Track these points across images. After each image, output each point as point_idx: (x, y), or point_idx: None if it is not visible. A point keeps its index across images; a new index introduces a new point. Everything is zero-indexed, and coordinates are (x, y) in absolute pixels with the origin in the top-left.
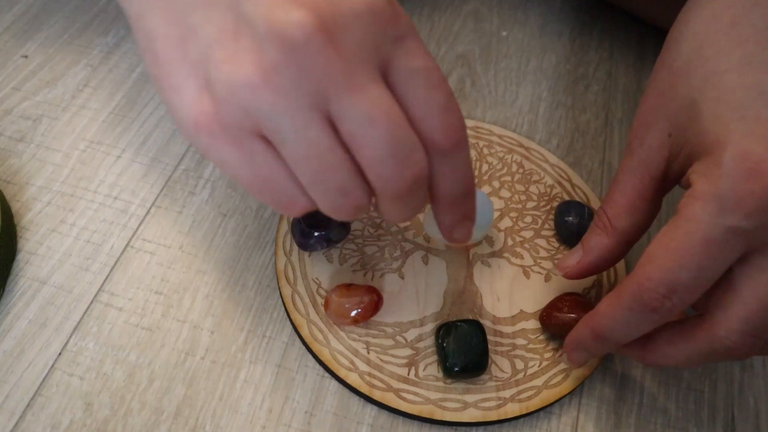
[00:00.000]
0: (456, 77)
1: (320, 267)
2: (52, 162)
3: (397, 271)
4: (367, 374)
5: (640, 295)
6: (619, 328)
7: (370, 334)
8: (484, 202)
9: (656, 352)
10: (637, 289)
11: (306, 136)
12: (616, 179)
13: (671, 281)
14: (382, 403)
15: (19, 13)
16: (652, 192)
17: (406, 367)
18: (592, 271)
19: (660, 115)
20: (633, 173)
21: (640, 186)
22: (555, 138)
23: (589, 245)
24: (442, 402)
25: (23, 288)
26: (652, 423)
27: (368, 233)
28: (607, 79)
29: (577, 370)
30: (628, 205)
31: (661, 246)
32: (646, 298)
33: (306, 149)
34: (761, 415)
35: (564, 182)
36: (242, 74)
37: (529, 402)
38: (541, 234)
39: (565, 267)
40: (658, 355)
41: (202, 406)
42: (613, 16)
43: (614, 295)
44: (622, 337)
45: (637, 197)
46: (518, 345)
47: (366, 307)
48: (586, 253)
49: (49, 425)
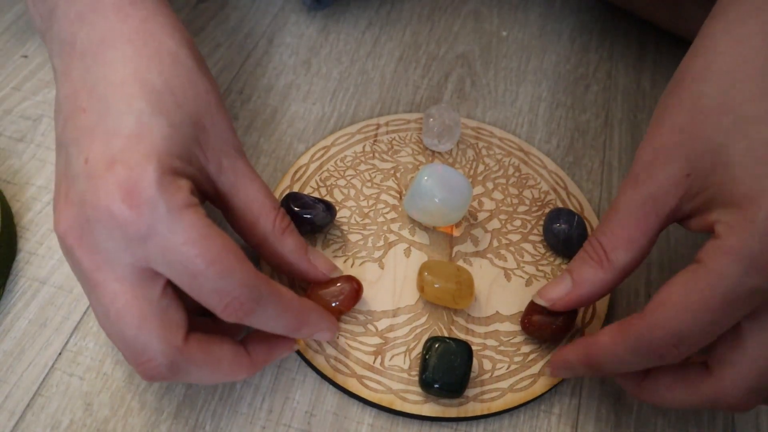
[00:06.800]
0: (456, 77)
1: None
2: (52, 162)
3: (378, 261)
4: (333, 358)
5: (649, 341)
6: (616, 364)
7: (342, 319)
8: (462, 182)
9: (654, 393)
10: (647, 335)
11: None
12: (616, 210)
13: (684, 333)
14: (344, 388)
15: (19, 13)
16: (655, 229)
17: (372, 356)
18: (582, 305)
19: (679, 153)
20: (639, 207)
21: (643, 222)
22: (555, 138)
23: (581, 277)
24: (403, 393)
25: (23, 288)
26: (652, 423)
27: (354, 221)
28: (607, 79)
29: (546, 378)
30: (628, 240)
31: (679, 295)
32: (655, 345)
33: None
34: (761, 415)
35: (559, 189)
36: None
37: (491, 403)
38: (528, 239)
39: (551, 298)
40: (655, 397)
41: (202, 406)
42: (613, 16)
43: (618, 332)
44: (617, 371)
45: (640, 233)
46: (489, 346)
47: (347, 295)
48: (578, 286)
49: (49, 425)
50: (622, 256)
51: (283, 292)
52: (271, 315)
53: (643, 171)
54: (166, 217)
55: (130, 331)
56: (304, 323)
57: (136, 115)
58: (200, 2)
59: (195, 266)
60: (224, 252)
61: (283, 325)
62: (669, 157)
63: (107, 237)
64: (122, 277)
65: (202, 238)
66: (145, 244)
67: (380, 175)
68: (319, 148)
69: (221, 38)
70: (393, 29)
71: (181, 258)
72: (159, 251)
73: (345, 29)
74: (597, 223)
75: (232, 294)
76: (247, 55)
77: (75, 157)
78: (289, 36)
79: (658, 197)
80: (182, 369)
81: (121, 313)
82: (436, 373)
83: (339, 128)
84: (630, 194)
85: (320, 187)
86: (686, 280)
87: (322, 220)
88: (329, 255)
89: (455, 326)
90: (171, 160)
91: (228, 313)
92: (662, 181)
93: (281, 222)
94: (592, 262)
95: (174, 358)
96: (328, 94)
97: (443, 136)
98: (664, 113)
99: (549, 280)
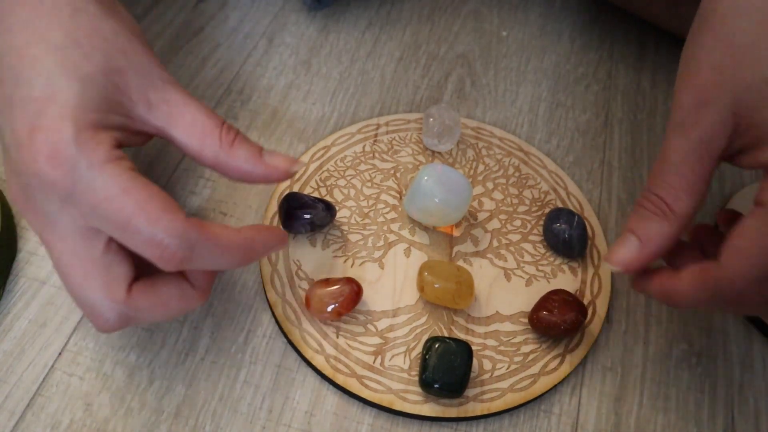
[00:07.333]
0: (456, 77)
1: (302, 250)
2: None
3: (378, 261)
4: (333, 358)
5: (731, 291)
6: (694, 307)
7: (342, 319)
8: (462, 182)
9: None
10: (728, 286)
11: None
12: (668, 161)
13: (764, 278)
14: (344, 388)
15: None
16: (710, 171)
17: (372, 356)
18: (651, 261)
19: (722, 92)
20: (691, 153)
21: (699, 167)
22: (555, 138)
23: (648, 234)
24: (403, 393)
25: (23, 288)
26: (652, 423)
27: (354, 221)
28: (607, 79)
29: (546, 377)
30: (688, 188)
31: (753, 241)
32: (737, 294)
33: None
34: (761, 415)
35: (560, 189)
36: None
37: (491, 403)
38: (528, 238)
39: (622, 262)
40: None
41: (202, 406)
42: (613, 16)
43: (700, 281)
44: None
45: (697, 179)
46: (489, 346)
47: (347, 297)
48: (646, 244)
49: (49, 425)
50: (685, 204)
51: (218, 232)
52: (212, 257)
53: (688, 116)
54: (87, 174)
55: (76, 288)
56: (251, 253)
57: (45, 76)
58: (200, 2)
59: (119, 220)
60: (148, 203)
61: (228, 262)
62: (713, 98)
63: (44, 199)
64: (65, 236)
65: (123, 192)
66: (75, 203)
67: (380, 175)
68: (319, 148)
69: (221, 38)
70: (393, 29)
71: (105, 213)
72: (88, 208)
73: (345, 29)
74: (597, 223)
75: (161, 244)
76: (247, 55)
77: (5, 128)
78: (289, 36)
79: (708, 140)
80: (131, 317)
81: (67, 270)
82: (436, 373)
83: (339, 128)
84: (679, 142)
85: (320, 187)
86: (757, 225)
87: (321, 219)
88: (329, 255)
89: (455, 326)
90: (86, 115)
91: (164, 263)
92: (709, 123)
93: (227, 136)
94: (656, 217)
95: (120, 311)
96: (328, 94)
97: (443, 136)
98: (699, 53)
99: (609, 249)
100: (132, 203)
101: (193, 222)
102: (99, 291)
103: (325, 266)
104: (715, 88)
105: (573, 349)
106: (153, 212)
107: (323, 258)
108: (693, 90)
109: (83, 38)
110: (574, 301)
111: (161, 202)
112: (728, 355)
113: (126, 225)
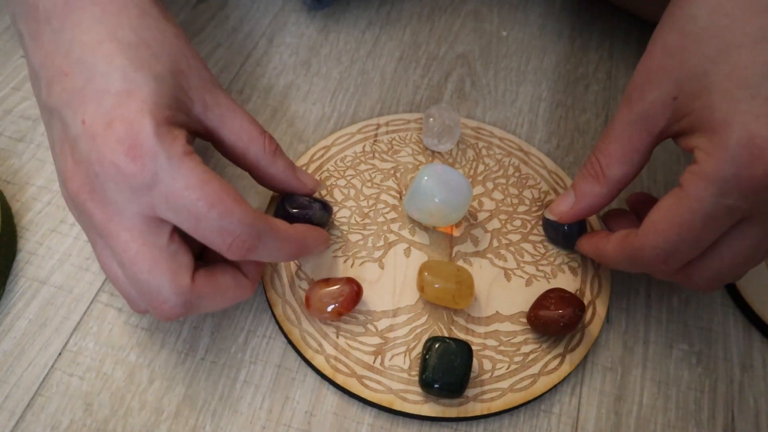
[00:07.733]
0: (456, 77)
1: None
2: (51, 162)
3: (378, 261)
4: (333, 358)
5: (641, 257)
6: (617, 267)
7: (342, 319)
8: (462, 182)
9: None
10: (640, 253)
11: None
12: (611, 129)
13: (669, 251)
14: (344, 388)
15: None
16: (646, 146)
17: (372, 355)
18: (583, 216)
19: (667, 75)
20: (631, 126)
21: (635, 139)
22: (555, 138)
23: (581, 191)
24: (403, 393)
25: (23, 288)
26: (652, 423)
27: (354, 221)
28: (607, 79)
29: (546, 377)
30: (622, 156)
31: (664, 218)
32: (646, 261)
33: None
34: (761, 415)
35: (560, 189)
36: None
37: (491, 403)
38: (528, 238)
39: (558, 212)
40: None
41: (202, 406)
42: (613, 16)
43: (620, 246)
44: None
45: (632, 149)
46: (489, 346)
47: (347, 297)
48: (579, 200)
49: (49, 425)
50: (616, 170)
51: (279, 225)
52: (273, 248)
53: (635, 92)
54: (167, 166)
55: (143, 275)
56: (303, 248)
57: (121, 72)
58: (200, 2)
59: (197, 209)
60: (223, 194)
61: (284, 254)
62: (658, 80)
63: (115, 190)
64: (132, 226)
65: (202, 183)
66: (151, 193)
67: (380, 175)
68: (319, 148)
69: (221, 38)
70: (393, 29)
71: (184, 203)
72: (163, 198)
73: (345, 29)
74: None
75: (234, 233)
76: (247, 55)
77: (71, 120)
78: (289, 36)
79: (647, 117)
80: (194, 305)
81: (134, 260)
82: (436, 373)
83: (339, 128)
84: (623, 113)
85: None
86: (670, 204)
87: (319, 219)
88: (329, 255)
89: (455, 326)
90: (162, 111)
91: (233, 251)
92: (651, 102)
93: (270, 145)
94: (590, 177)
95: (186, 297)
96: (328, 94)
97: (443, 136)
98: (656, 35)
99: (553, 201)
100: (211, 193)
101: (260, 214)
102: (166, 278)
103: (325, 266)
104: (661, 71)
105: (573, 349)
106: (228, 202)
107: (323, 258)
108: (643, 69)
109: (151, 39)
110: (571, 297)
111: (234, 194)
112: (728, 355)
113: (203, 214)
